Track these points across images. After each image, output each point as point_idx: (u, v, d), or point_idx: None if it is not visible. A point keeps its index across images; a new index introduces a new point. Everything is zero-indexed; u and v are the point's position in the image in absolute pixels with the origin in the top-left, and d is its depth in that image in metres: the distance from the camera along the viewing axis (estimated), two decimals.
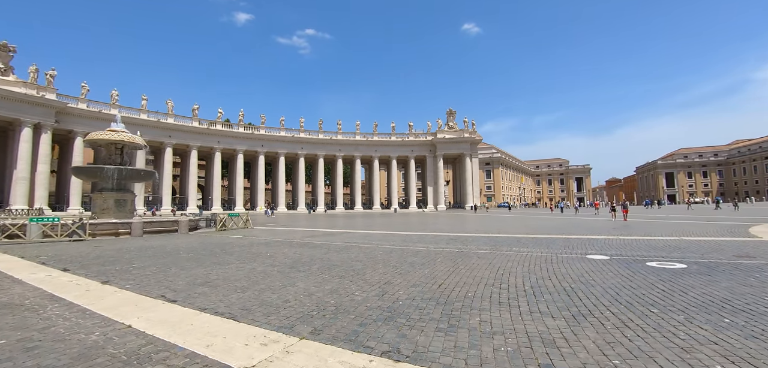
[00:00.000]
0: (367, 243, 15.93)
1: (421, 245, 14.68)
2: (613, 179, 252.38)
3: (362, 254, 12.24)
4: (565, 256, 11.14)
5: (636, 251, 12.03)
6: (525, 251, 12.37)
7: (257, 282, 7.94)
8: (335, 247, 14.33)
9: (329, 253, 12.54)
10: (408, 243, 15.65)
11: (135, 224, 21.29)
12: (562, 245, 13.98)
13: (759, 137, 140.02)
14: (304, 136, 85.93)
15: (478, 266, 9.52)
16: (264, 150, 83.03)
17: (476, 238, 17.34)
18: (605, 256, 11.00)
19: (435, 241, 16.13)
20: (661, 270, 8.61)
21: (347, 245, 15.11)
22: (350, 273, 8.82)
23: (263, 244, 15.84)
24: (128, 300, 6.49)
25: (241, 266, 10.03)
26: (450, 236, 18.73)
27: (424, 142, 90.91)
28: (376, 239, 17.68)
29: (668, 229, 20.78)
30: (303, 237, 19.04)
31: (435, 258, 10.93)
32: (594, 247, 13.18)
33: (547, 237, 17.49)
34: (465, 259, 10.72)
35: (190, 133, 75.78)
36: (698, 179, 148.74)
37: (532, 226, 25.21)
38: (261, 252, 13.01)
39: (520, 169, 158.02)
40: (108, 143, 26.50)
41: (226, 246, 15.10)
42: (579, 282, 7.44)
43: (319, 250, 13.44)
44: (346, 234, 20.74)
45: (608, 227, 22.87)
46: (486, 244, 14.64)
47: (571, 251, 12.29)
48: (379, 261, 10.66)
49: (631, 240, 15.20)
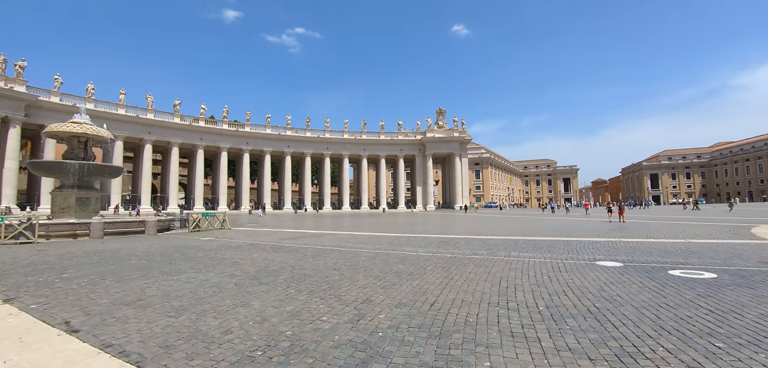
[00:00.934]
0: (350, 246, 14.37)
1: (410, 249, 13.18)
2: (599, 180, 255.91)
3: (342, 260, 10.66)
4: (573, 263, 9.78)
5: (648, 256, 10.74)
6: (526, 257, 10.97)
7: (203, 300, 6.30)
8: (313, 251, 12.72)
9: (304, 259, 10.92)
10: (395, 246, 14.14)
11: (94, 225, 19.25)
12: (565, 249, 12.66)
13: (739, 140, 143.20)
14: (291, 134, 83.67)
15: (476, 276, 8.05)
16: (249, 148, 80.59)
17: (469, 241, 15.93)
18: (617, 263, 9.67)
19: (424, 244, 14.66)
20: (690, 281, 7.28)
21: (327, 249, 13.51)
22: (323, 286, 7.25)
23: (233, 248, 14.12)
24: (13, 331, 4.80)
25: (192, 277, 8.36)
26: (441, 238, 17.28)
27: (413, 142, 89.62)
28: (360, 241, 16.12)
29: (668, 231, 19.74)
30: (281, 240, 17.35)
31: (425, 266, 9.43)
32: (600, 252, 11.88)
33: (545, 239, 16.19)
34: (460, 267, 9.25)
35: (171, 130, 72.90)
36: (682, 180, 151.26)
37: (526, 228, 23.99)
38: (226, 258, 11.31)
39: (508, 170, 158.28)
40: (70, 136, 24.28)
41: (189, 251, 13.34)
42: (603, 299, 6.03)
43: (293, 255, 11.81)
44: (328, 236, 19.11)
45: (606, 229, 21.78)
46: (481, 248, 13.22)
47: (577, 256, 10.95)
48: (361, 269, 9.10)
49: (637, 244, 13.98)
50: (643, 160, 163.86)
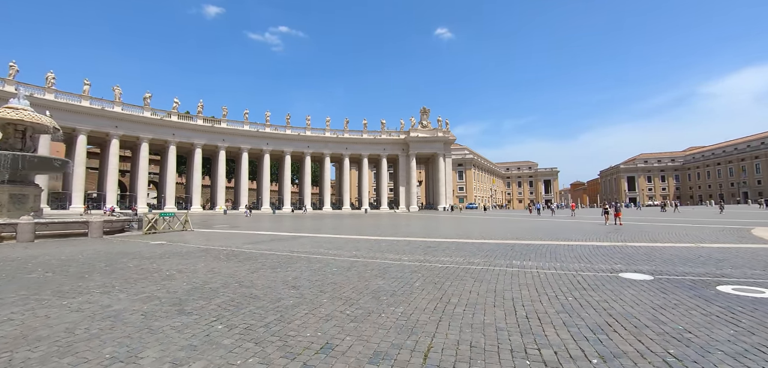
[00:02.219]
0: (323, 252, 12.20)
1: (393, 256, 11.13)
2: (578, 182, 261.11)
3: (307, 273, 8.51)
4: (592, 276, 7.96)
5: (673, 265, 9.05)
6: (531, 267, 9.10)
7: (70, 346, 4.06)
8: (275, 260, 10.50)
9: (259, 272, 8.71)
10: (375, 253, 12.06)
11: (22, 226, 16.35)
12: (571, 256, 10.89)
13: (711, 144, 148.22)
14: (270, 131, 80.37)
15: (481, 298, 6.07)
16: (225, 145, 76.86)
17: (460, 246, 14.02)
18: (645, 275, 7.91)
19: (409, 250, 12.64)
20: (755, 303, 5.53)
21: (294, 256, 11.31)
22: (268, 317, 5.10)
23: (178, 256, 11.71)
24: None
25: (92, 301, 6.04)
26: (427, 243, 15.32)
27: (396, 141, 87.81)
28: (335, 247, 13.97)
29: (668, 233, 18.41)
30: (242, 244, 14.98)
31: (411, 282, 7.40)
32: (614, 259, 10.14)
33: (544, 244, 14.45)
34: (455, 282, 7.26)
35: (140, 124, 68.57)
36: (657, 183, 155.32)
37: (518, 230, 22.36)
38: (160, 270, 8.97)
39: (491, 171, 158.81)
40: (4, 123, 21.12)
41: (121, 260, 10.88)
42: (671, 338, 4.13)
43: (248, 266, 9.57)
44: (301, 240, 16.86)
45: (603, 231, 20.36)
46: (475, 255, 11.30)
47: (591, 265, 9.16)
48: (328, 287, 6.98)
49: (647, 249, 12.38)
50: (620, 163, 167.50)
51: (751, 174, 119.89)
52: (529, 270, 8.50)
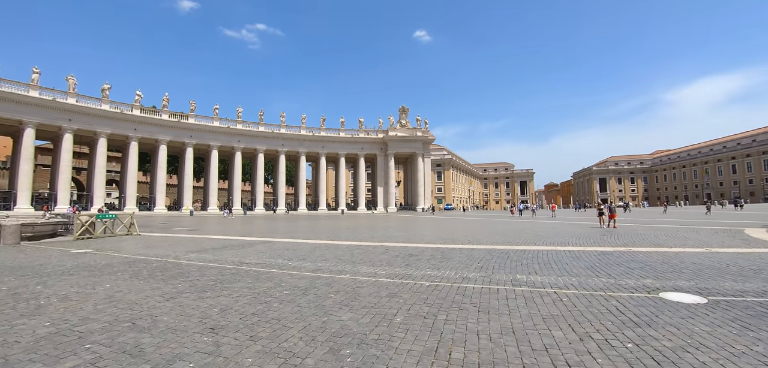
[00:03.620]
0: (280, 264, 9.83)
1: (366, 269, 8.91)
2: (551, 184, 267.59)
3: (245, 300, 6.15)
4: (626, 297, 6.04)
5: (720, 282, 7.28)
6: (544, 283, 7.11)
7: None
8: (212, 277, 8.06)
9: (176, 299, 6.28)
10: (346, 264, 9.80)
11: None
12: (581, 266, 9.02)
13: (677, 148, 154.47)
14: (242, 128, 76.27)
15: (500, 351, 3.95)
16: (193, 141, 72.18)
17: (447, 253, 11.96)
18: (695, 296, 6.05)
19: (388, 260, 10.45)
20: None
21: (240, 270, 8.89)
22: None
23: (89, 271, 9.04)
24: None
25: None
26: (409, 249, 13.19)
27: (374, 140, 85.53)
28: (299, 255, 11.61)
29: (669, 237, 17.07)
30: (185, 253, 12.35)
31: (390, 315, 5.20)
32: (634, 271, 8.33)
33: (542, 250, 12.61)
34: (453, 315, 5.12)
35: (97, 118, 63.14)
36: (627, 185, 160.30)
37: (506, 233, 20.62)
38: (37, 297, 6.38)
39: (469, 172, 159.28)
40: None
41: (2, 276, 8.14)
42: None
43: (169, 287, 7.11)
44: (259, 247, 14.36)
45: (599, 234, 18.89)
46: (469, 266, 9.24)
47: (618, 283, 7.26)
48: (264, 329, 4.67)
49: (660, 256, 10.73)
50: (592, 165, 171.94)
51: (714, 176, 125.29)
52: (544, 290, 6.49)
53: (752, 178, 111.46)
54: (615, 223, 19.55)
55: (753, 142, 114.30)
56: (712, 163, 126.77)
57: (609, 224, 19.60)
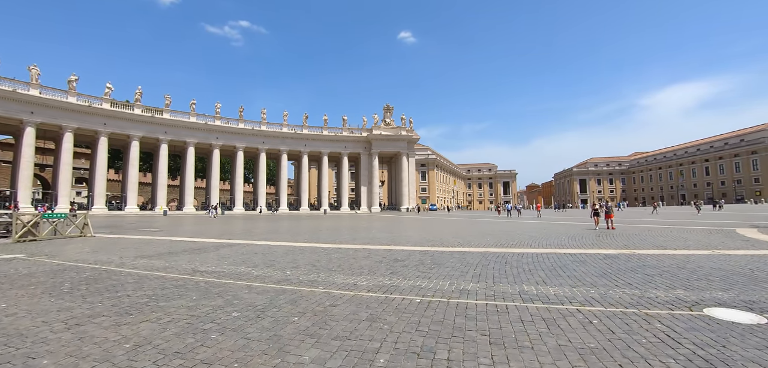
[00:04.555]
0: (241, 273, 8.27)
1: (343, 279, 7.46)
2: (533, 184, 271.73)
3: (170, 332, 4.61)
4: (666, 315, 4.80)
5: (759, 293, 6.19)
6: (560, 298, 5.83)
7: None
8: (148, 291, 6.44)
9: (75, 328, 4.68)
10: (319, 272, 8.32)
11: None
12: (593, 274, 7.83)
13: (653, 150, 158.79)
14: (221, 124, 73.26)
15: None
16: (168, 138, 68.79)
17: (437, 258, 10.63)
18: (751, 314, 4.87)
19: (369, 267, 9.03)
20: None
21: (189, 282, 7.29)
22: None
23: (7, 279, 7.27)
24: None
25: None
26: (393, 253, 11.79)
27: (358, 139, 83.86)
28: (267, 261, 10.04)
29: (668, 239, 16.24)
30: (134, 258, 10.58)
31: (371, 351, 3.77)
32: (654, 280, 7.16)
33: (541, 253, 11.44)
34: (457, 349, 3.74)
35: (63, 111, 59.18)
36: (606, 185, 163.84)
37: (497, 234, 19.49)
38: None
39: (453, 172, 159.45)
40: None
41: None
42: None
43: (82, 309, 5.47)
44: (225, 250, 12.68)
45: (597, 236, 17.96)
46: (464, 275, 7.90)
47: (644, 296, 6.04)
48: None
49: (677, 261, 9.68)
50: (573, 167, 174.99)
51: (689, 178, 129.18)
52: (563, 308, 5.20)
53: (724, 179, 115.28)
54: (612, 224, 18.66)
55: (725, 145, 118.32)
56: (686, 165, 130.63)
57: (607, 225, 18.66)
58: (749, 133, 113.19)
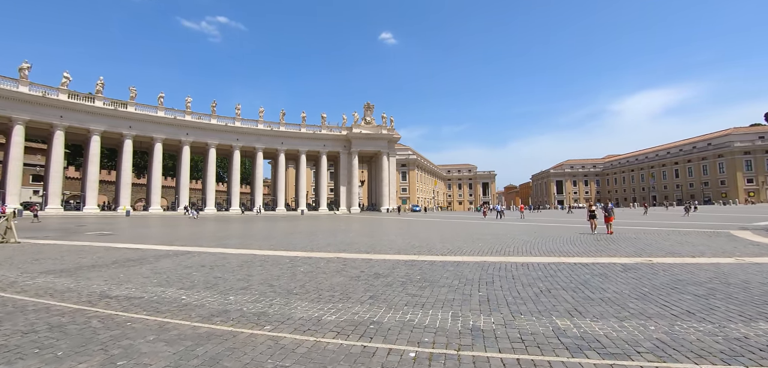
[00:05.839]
0: (164, 299, 6.08)
1: (304, 310, 5.41)
2: (511, 186, 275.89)
3: None
4: None
5: None
6: (616, 341, 4.01)
7: None
8: (21, 330, 4.23)
9: None
10: (273, 299, 6.24)
11: None
12: (627, 293, 6.11)
13: (626, 153, 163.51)
14: (191, 120, 69.07)
15: None
16: (133, 133, 64.08)
17: (427, 272, 8.71)
18: None
19: (343, 288, 7.02)
20: None
21: (80, 315, 5.06)
22: None
23: None
24: None
25: None
26: (374, 264, 9.81)
27: (338, 137, 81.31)
28: (210, 279, 7.85)
29: (674, 244, 15.03)
30: (39, 273, 8.14)
31: None
32: (704, 299, 5.51)
33: (545, 262, 9.73)
34: None
35: (13, 102, 53.81)
36: (581, 187, 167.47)
37: (486, 238, 17.81)
38: None
39: (433, 173, 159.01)
40: None
41: None
42: None
43: None
44: (166, 261, 10.34)
45: (596, 241, 16.57)
46: (468, 300, 6.00)
47: (721, 329, 4.35)
48: None
49: (707, 273, 8.17)
50: (550, 168, 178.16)
51: (659, 180, 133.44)
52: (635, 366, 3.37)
53: (693, 181, 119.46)
54: (611, 228, 17.28)
55: (693, 149, 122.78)
56: (657, 167, 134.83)
57: (608, 229, 17.26)
58: (716, 137, 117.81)
